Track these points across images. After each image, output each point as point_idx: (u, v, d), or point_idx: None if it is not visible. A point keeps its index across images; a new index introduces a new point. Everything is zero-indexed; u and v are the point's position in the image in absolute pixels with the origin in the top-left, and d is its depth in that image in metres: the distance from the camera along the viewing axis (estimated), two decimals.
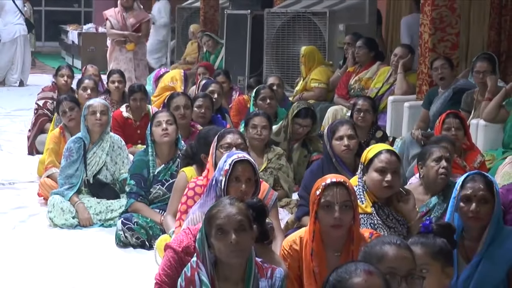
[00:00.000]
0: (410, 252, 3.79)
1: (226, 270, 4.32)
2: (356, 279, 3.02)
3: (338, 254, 4.80)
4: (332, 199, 4.75)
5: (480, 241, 5.00)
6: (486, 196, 4.99)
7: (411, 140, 8.26)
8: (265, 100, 9.49)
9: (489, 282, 4.94)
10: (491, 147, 8.45)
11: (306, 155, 8.46)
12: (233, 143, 6.25)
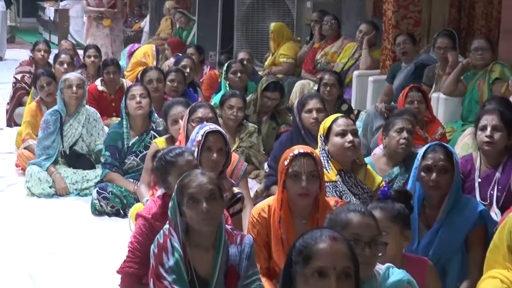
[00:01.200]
0: (374, 219, 3.80)
1: (197, 237, 4.31)
2: (321, 245, 3.01)
3: (304, 222, 4.81)
4: (300, 169, 4.75)
5: (440, 209, 5.03)
6: (446, 166, 5.01)
7: (375, 112, 8.27)
8: (236, 74, 9.47)
9: (448, 247, 4.98)
10: (451, 119, 8.49)
11: (274, 127, 8.47)
12: (204, 117, 6.25)
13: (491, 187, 5.76)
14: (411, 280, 3.81)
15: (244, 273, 4.32)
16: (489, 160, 5.85)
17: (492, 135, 5.73)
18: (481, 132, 5.80)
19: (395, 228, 4.25)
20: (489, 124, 5.76)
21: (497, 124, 5.76)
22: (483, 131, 5.78)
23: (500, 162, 5.81)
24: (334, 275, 2.96)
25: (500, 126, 5.75)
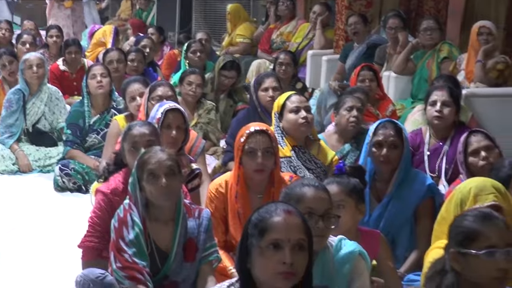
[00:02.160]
0: (327, 193, 3.81)
1: (157, 211, 4.30)
2: (276, 218, 3.01)
3: (260, 196, 4.82)
4: (255, 145, 4.75)
5: (390, 183, 5.07)
6: (396, 142, 5.04)
7: (329, 90, 8.29)
8: (196, 53, 9.44)
9: (398, 219, 5.02)
10: (402, 97, 8.54)
11: (232, 105, 8.48)
12: (163, 96, 6.24)
13: (439, 159, 5.83)
14: (363, 252, 3.84)
15: (202, 246, 4.32)
16: (438, 134, 5.92)
17: (441, 109, 5.83)
18: (431, 107, 5.88)
19: (350, 202, 4.29)
20: (439, 100, 5.85)
21: (447, 99, 5.85)
22: (433, 106, 5.86)
23: (448, 136, 5.90)
24: (288, 247, 2.96)
25: (449, 102, 5.85)
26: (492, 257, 3.08)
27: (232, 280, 3.17)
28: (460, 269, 3.14)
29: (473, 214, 3.21)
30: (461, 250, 3.14)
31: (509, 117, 7.01)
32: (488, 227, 3.13)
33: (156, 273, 4.26)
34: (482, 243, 3.11)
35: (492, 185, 3.91)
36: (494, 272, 3.07)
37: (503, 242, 3.11)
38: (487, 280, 3.09)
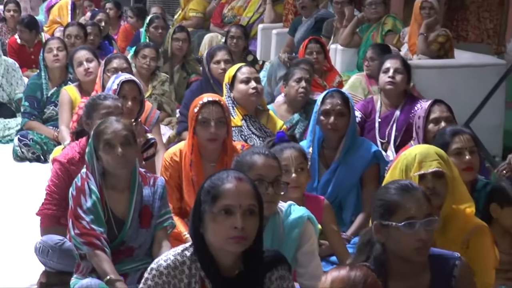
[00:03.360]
0: (276, 161, 3.81)
1: (113, 180, 4.27)
2: (227, 185, 3.00)
3: (213, 164, 4.80)
4: (208, 115, 4.73)
5: (337, 150, 5.08)
6: (343, 110, 5.05)
7: (279, 63, 8.29)
8: (158, 29, 9.32)
9: (345, 184, 5.04)
10: (348, 68, 8.56)
11: (185, 76, 8.45)
12: (119, 68, 6.23)
13: (389, 126, 5.88)
14: (311, 216, 3.85)
15: (157, 212, 4.30)
16: (389, 101, 5.98)
17: (394, 76, 5.90)
18: (384, 74, 5.94)
19: (306, 164, 4.37)
20: (392, 67, 5.92)
21: (399, 67, 5.93)
22: (385, 73, 5.93)
23: (398, 104, 5.95)
24: (239, 212, 2.96)
25: (401, 69, 5.93)
26: (412, 228, 3.06)
27: (186, 244, 3.17)
28: (383, 241, 3.14)
29: (393, 186, 3.18)
30: (383, 222, 3.13)
31: (449, 87, 7.05)
32: (407, 199, 3.11)
33: (113, 239, 4.23)
34: (401, 215, 3.09)
35: (436, 152, 3.92)
36: (415, 243, 3.06)
37: (422, 213, 3.09)
38: (409, 250, 3.08)
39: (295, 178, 4.30)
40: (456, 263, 3.19)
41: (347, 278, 2.69)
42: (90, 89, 6.55)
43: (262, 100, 5.82)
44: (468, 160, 4.34)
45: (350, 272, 2.71)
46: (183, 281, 3.08)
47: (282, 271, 3.15)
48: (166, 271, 3.07)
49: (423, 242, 3.07)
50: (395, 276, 3.15)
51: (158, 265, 3.09)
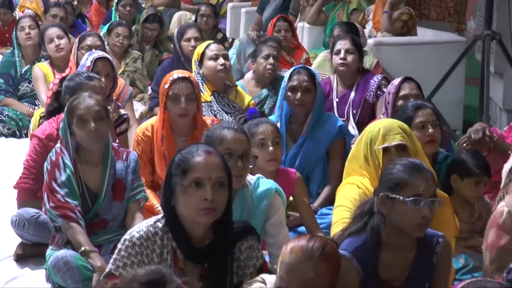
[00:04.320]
0: (245, 135, 3.82)
1: (87, 154, 4.25)
2: (197, 158, 3.01)
3: (184, 139, 4.80)
4: (179, 91, 4.72)
5: (304, 125, 5.08)
6: (309, 86, 5.04)
7: (247, 40, 8.27)
8: (126, 7, 9.28)
9: (312, 158, 5.05)
10: (315, 46, 8.57)
11: (157, 54, 8.44)
12: (92, 45, 6.26)
13: (347, 105, 5.88)
14: (279, 189, 3.87)
15: (130, 186, 4.29)
16: (344, 81, 5.98)
17: (345, 57, 5.89)
18: (336, 56, 5.95)
19: (281, 139, 4.40)
20: (343, 48, 5.91)
21: (350, 47, 5.92)
22: (337, 55, 5.93)
23: (354, 83, 5.94)
24: (209, 184, 2.97)
25: (352, 49, 5.91)
26: (417, 205, 3.11)
27: (158, 216, 3.17)
28: (386, 213, 3.18)
29: (404, 163, 3.23)
30: (390, 195, 3.16)
31: (412, 64, 7.07)
32: (417, 178, 3.16)
33: (87, 211, 4.22)
34: (410, 191, 3.13)
35: (399, 126, 3.93)
36: (418, 219, 3.11)
37: (429, 193, 3.15)
38: (410, 225, 3.13)
39: (272, 151, 4.31)
40: (439, 240, 3.26)
41: (305, 247, 2.71)
42: (62, 65, 6.60)
43: (230, 76, 5.86)
44: (430, 133, 4.37)
45: (309, 242, 2.73)
46: (155, 251, 3.08)
47: (251, 241, 3.16)
48: (139, 242, 3.07)
49: (425, 219, 3.12)
50: (387, 247, 3.19)
51: (131, 236, 3.09)
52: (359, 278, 3.14)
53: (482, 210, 4.39)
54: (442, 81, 6.59)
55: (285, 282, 2.68)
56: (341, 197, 3.94)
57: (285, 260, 2.70)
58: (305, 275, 2.66)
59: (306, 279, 2.65)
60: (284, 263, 2.70)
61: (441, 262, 3.26)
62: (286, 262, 2.70)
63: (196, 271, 3.07)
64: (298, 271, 2.66)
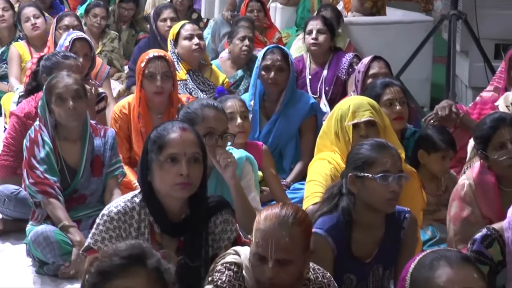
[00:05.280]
0: (225, 114, 3.84)
1: (65, 131, 4.25)
2: (172, 135, 3.00)
3: (160, 116, 4.80)
4: (155, 70, 4.72)
5: (278, 102, 5.08)
6: (283, 65, 5.05)
7: (222, 20, 8.23)
8: None
9: (285, 134, 5.06)
10: (287, 26, 8.55)
11: (134, 34, 8.39)
12: (70, 25, 6.19)
13: (319, 82, 5.88)
14: (249, 156, 3.93)
15: (108, 162, 4.30)
16: (317, 60, 5.98)
17: (317, 37, 5.90)
18: (308, 35, 5.96)
19: (248, 113, 4.49)
20: (314, 28, 5.92)
21: (321, 27, 5.92)
22: (309, 35, 5.93)
23: (326, 61, 5.94)
24: (184, 160, 2.97)
25: (323, 29, 5.92)
26: (386, 180, 3.13)
27: (135, 192, 3.17)
28: (356, 191, 3.19)
29: (370, 143, 3.26)
30: (359, 174, 3.18)
31: (382, 43, 7.07)
32: (384, 155, 3.19)
33: (66, 187, 4.22)
34: (377, 168, 3.16)
35: (368, 103, 3.94)
36: (387, 194, 3.14)
37: (396, 169, 3.17)
38: (380, 201, 3.15)
39: (241, 123, 4.35)
40: (406, 216, 3.29)
41: (279, 213, 2.73)
42: (38, 44, 6.56)
43: (205, 55, 5.86)
44: (398, 110, 4.39)
45: (282, 209, 2.75)
46: (133, 225, 3.08)
47: (226, 215, 3.17)
48: (117, 217, 3.07)
49: (394, 194, 3.15)
50: (358, 225, 3.22)
51: (109, 211, 3.09)
52: (333, 255, 3.18)
53: (449, 183, 4.42)
54: (410, 59, 6.60)
55: (262, 247, 2.70)
56: (313, 172, 3.95)
57: (261, 227, 2.73)
58: (281, 239, 2.68)
59: (283, 243, 2.68)
60: (259, 230, 2.72)
61: (408, 237, 3.30)
62: (262, 228, 2.72)
63: (172, 245, 3.07)
64: (275, 236, 2.69)
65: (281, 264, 2.69)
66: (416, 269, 2.02)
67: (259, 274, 2.73)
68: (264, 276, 2.71)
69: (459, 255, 2.02)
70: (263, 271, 2.71)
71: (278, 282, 2.72)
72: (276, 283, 2.72)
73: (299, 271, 2.77)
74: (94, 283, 1.94)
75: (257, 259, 2.73)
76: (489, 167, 3.74)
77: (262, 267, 2.71)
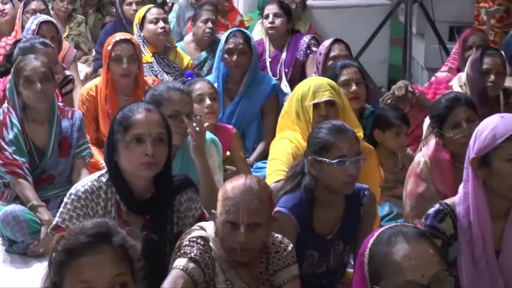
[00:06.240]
0: (190, 97, 3.84)
1: (34, 113, 4.22)
2: (138, 116, 2.99)
3: (127, 98, 4.77)
4: (121, 53, 4.71)
5: (241, 84, 5.08)
6: (245, 49, 5.05)
7: (186, 4, 8.13)
8: None
9: (248, 115, 5.06)
10: (250, 9, 8.48)
11: (100, 18, 8.27)
12: (37, 9, 6.13)
13: (279, 64, 5.88)
14: (214, 138, 3.93)
15: (75, 143, 4.28)
16: (275, 43, 5.99)
17: (273, 21, 5.91)
18: (265, 20, 5.98)
19: (217, 95, 4.45)
20: (271, 12, 5.92)
21: (277, 11, 5.92)
22: (266, 19, 5.94)
23: (284, 43, 5.94)
24: (149, 140, 2.97)
25: (280, 13, 5.92)
26: (343, 165, 3.14)
27: (102, 171, 3.16)
28: (316, 174, 3.20)
29: (328, 126, 3.25)
30: (317, 158, 3.18)
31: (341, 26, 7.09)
32: (340, 139, 3.19)
33: (35, 168, 4.20)
34: (334, 153, 3.16)
35: (328, 83, 3.95)
36: (344, 178, 3.15)
37: (353, 153, 3.18)
38: (338, 184, 3.16)
39: (210, 104, 4.32)
40: (365, 193, 3.32)
41: (245, 182, 2.82)
42: (6, 30, 6.47)
43: (170, 38, 5.86)
44: (354, 90, 4.40)
45: (246, 179, 2.84)
46: (100, 204, 3.07)
47: (190, 193, 3.17)
48: (84, 196, 3.06)
49: (351, 177, 3.16)
50: (320, 204, 3.23)
51: (76, 190, 3.08)
52: (296, 233, 3.20)
53: (405, 161, 4.45)
54: (369, 42, 6.63)
55: (234, 214, 2.76)
56: (275, 151, 3.96)
57: (230, 195, 2.78)
58: (251, 204, 2.76)
59: (253, 207, 2.76)
60: (229, 198, 2.78)
61: (367, 213, 3.33)
62: (231, 197, 2.78)
63: (138, 222, 3.07)
64: (245, 202, 2.76)
65: (252, 228, 2.76)
66: (374, 245, 2.04)
67: (231, 241, 2.78)
68: (237, 242, 2.77)
69: (415, 231, 2.04)
70: (235, 238, 2.76)
71: (249, 247, 2.79)
72: (247, 248, 2.78)
73: (266, 235, 2.84)
74: (61, 261, 1.93)
75: (228, 227, 2.78)
76: (444, 144, 3.77)
77: (234, 234, 2.76)
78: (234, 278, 2.83)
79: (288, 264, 2.89)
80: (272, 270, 2.89)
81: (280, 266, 2.89)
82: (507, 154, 2.70)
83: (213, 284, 2.81)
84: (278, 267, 2.89)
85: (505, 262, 2.81)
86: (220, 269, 2.83)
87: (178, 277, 2.74)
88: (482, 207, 2.76)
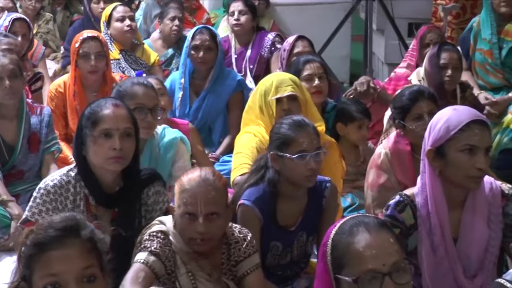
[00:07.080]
0: (154, 91, 3.81)
1: (2, 109, 4.17)
2: (106, 111, 2.98)
3: (95, 94, 4.74)
4: (89, 50, 4.69)
5: (207, 80, 5.06)
6: (211, 45, 5.04)
7: (153, 2, 8.08)
8: None
9: (213, 110, 5.05)
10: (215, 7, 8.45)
11: (68, 15, 8.22)
12: (4, 7, 6.17)
13: (244, 61, 5.88)
14: (183, 137, 3.92)
15: (44, 139, 4.25)
16: (241, 40, 5.98)
17: (238, 18, 5.89)
18: (231, 17, 5.98)
19: (166, 91, 4.46)
20: (236, 10, 5.92)
21: (242, 9, 5.91)
22: (232, 16, 5.95)
23: (249, 40, 5.94)
24: (117, 134, 2.96)
25: (245, 10, 5.91)
26: (303, 159, 3.13)
27: (70, 166, 3.15)
28: (278, 168, 3.20)
29: (288, 122, 3.25)
30: (279, 153, 3.18)
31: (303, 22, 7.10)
32: (300, 134, 3.19)
33: (4, 163, 4.16)
34: (295, 148, 3.16)
35: (290, 78, 3.96)
36: (306, 172, 3.14)
37: (313, 147, 3.17)
38: (300, 178, 3.16)
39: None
40: (327, 185, 3.31)
41: (200, 173, 2.83)
42: None
43: (138, 35, 5.84)
44: (316, 85, 4.41)
45: (201, 171, 2.85)
46: (69, 198, 3.06)
47: (158, 187, 3.17)
48: (53, 190, 3.04)
49: (312, 171, 3.15)
50: (283, 196, 3.24)
51: (45, 185, 3.06)
52: (260, 225, 3.20)
53: (367, 154, 4.46)
54: (330, 38, 6.65)
55: (192, 205, 2.76)
56: (240, 145, 3.96)
57: (186, 187, 2.79)
58: (208, 194, 2.77)
59: (210, 197, 2.77)
60: (185, 191, 2.78)
61: (329, 204, 3.33)
62: (188, 188, 2.78)
63: (107, 216, 3.06)
64: (202, 192, 2.77)
65: (210, 218, 2.77)
66: (337, 235, 2.04)
67: (191, 232, 2.77)
68: (196, 233, 2.76)
69: (376, 221, 2.05)
70: (194, 229, 2.76)
71: (209, 237, 2.79)
72: (207, 238, 2.78)
73: (225, 224, 2.85)
74: (30, 255, 1.92)
75: (186, 218, 2.78)
76: (404, 136, 3.79)
77: (193, 225, 2.76)
78: (196, 269, 2.82)
79: (249, 254, 2.89)
80: (234, 261, 2.89)
81: (242, 256, 2.88)
82: (460, 145, 2.73)
83: (175, 276, 2.81)
84: (239, 257, 2.88)
85: (463, 249, 2.84)
86: (181, 261, 2.82)
87: (139, 271, 2.72)
88: (439, 197, 2.79)
